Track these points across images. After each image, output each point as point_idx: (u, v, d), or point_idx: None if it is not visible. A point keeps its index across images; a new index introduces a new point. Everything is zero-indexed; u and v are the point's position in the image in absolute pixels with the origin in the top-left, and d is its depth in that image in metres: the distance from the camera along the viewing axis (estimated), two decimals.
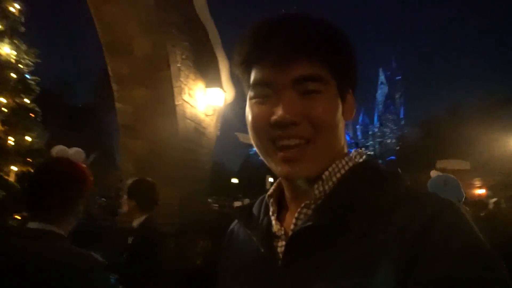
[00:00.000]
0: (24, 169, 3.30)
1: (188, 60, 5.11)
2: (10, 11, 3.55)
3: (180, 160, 4.89)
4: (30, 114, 3.66)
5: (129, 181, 2.56)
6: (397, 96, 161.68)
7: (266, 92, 0.64)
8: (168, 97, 4.63)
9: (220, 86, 5.63)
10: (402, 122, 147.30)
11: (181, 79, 4.88)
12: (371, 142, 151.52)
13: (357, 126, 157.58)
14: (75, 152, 1.38)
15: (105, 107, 19.95)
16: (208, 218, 4.80)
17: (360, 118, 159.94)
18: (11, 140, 3.34)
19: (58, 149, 1.38)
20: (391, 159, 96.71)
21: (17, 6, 3.70)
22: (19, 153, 3.35)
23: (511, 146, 18.73)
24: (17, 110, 3.43)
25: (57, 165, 1.36)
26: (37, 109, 3.76)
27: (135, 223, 2.41)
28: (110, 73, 4.73)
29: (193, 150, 5.29)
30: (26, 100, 3.65)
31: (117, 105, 4.83)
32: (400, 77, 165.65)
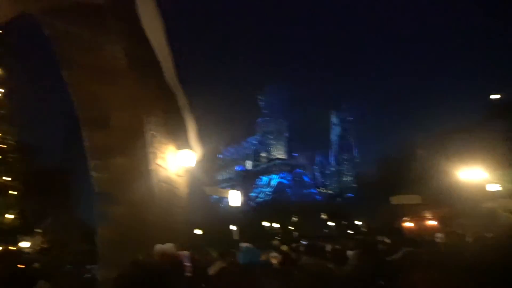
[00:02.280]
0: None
1: (160, 126, 5.48)
2: None
3: (156, 222, 5.09)
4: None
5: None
6: (349, 136, 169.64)
7: None
8: (143, 163, 4.93)
9: (190, 147, 6.01)
10: (356, 161, 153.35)
11: (155, 144, 5.22)
12: (329, 182, 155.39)
13: (314, 167, 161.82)
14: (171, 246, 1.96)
15: (71, 171, 19.45)
16: None
17: (317, 159, 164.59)
18: None
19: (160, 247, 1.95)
20: (349, 196, 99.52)
21: None
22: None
23: (456, 178, 20.32)
24: None
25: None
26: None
27: None
28: (86, 143, 4.97)
29: (168, 211, 5.51)
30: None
31: (94, 174, 5.03)
32: (352, 117, 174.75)
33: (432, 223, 15.61)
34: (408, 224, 14.79)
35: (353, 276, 3.12)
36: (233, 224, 31.90)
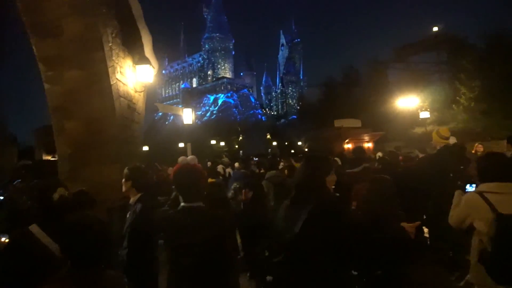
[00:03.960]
0: None
1: (117, 38, 5.15)
2: None
3: (117, 138, 5.07)
4: None
5: (126, 169, 2.88)
6: (296, 58, 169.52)
7: None
8: (103, 77, 4.71)
9: (149, 62, 5.78)
10: (302, 83, 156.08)
11: (113, 58, 4.95)
12: (274, 103, 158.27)
13: (261, 88, 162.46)
14: (192, 158, 2.20)
15: None
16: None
17: (264, 80, 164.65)
18: None
19: (183, 158, 2.24)
20: (293, 118, 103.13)
21: None
22: None
23: (392, 105, 21.90)
24: None
25: (195, 168, 2.20)
26: None
27: (132, 200, 2.78)
28: (36, 53, 4.58)
29: (127, 127, 5.47)
30: None
31: (46, 86, 4.74)
32: (299, 39, 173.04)
33: (368, 145, 17.03)
34: (348, 146, 16.03)
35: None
36: (181, 142, 32.15)
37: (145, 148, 32.90)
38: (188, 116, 10.56)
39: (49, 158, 22.98)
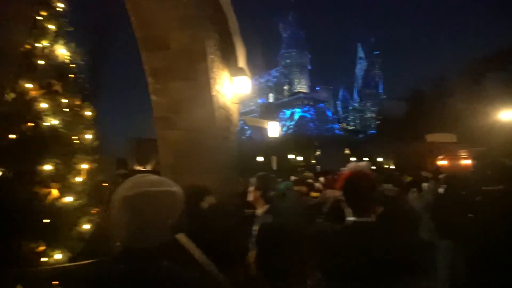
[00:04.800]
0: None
1: (217, 50, 5.24)
2: None
3: (216, 148, 5.10)
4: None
5: (254, 177, 2.80)
6: (375, 70, 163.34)
7: None
8: (205, 89, 4.78)
9: (246, 74, 5.79)
10: (381, 97, 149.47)
11: (214, 69, 5.03)
12: (351, 117, 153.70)
13: (338, 102, 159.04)
14: (366, 164, 1.94)
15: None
16: None
17: (341, 94, 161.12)
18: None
19: (355, 165, 1.96)
20: (372, 132, 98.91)
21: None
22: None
23: (493, 117, 19.59)
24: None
25: (369, 176, 1.91)
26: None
27: (260, 211, 2.66)
28: (144, 66, 4.82)
29: (225, 138, 5.49)
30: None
31: (153, 97, 4.95)
32: (378, 52, 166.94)
33: (466, 162, 15.29)
34: (442, 162, 14.57)
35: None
36: (259, 156, 32.65)
37: None
38: (274, 129, 10.52)
39: (141, 168, 24.92)
